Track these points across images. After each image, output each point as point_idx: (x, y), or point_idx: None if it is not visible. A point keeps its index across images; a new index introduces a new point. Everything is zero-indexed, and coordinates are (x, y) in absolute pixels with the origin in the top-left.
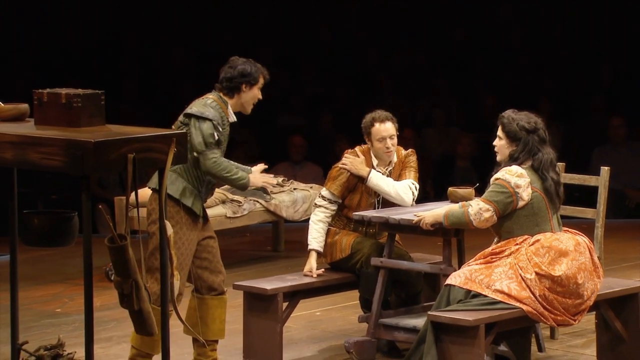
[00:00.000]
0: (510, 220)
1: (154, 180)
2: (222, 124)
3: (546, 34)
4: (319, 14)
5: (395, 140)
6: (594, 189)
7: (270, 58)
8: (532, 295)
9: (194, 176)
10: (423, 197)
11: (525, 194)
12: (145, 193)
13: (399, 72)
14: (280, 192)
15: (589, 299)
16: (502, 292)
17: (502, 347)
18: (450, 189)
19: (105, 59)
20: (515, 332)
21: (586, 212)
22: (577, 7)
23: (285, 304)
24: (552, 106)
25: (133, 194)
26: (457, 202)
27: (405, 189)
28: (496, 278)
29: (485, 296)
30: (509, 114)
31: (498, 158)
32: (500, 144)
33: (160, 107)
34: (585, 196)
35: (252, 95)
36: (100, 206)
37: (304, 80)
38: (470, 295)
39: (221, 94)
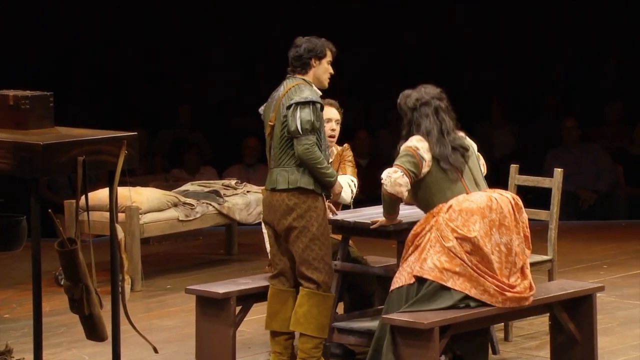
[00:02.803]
0: (422, 190)
1: (281, 179)
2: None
3: (499, 35)
4: (272, 13)
5: (338, 128)
6: (548, 191)
7: (223, 58)
8: (462, 263)
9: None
10: (376, 199)
11: (427, 156)
12: (96, 196)
13: (353, 72)
14: (233, 194)
15: (517, 256)
16: (435, 268)
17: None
18: None
19: (54, 59)
20: (471, 334)
21: (539, 214)
22: (530, 8)
23: (238, 308)
24: (504, 107)
25: (83, 197)
26: (412, 205)
27: (344, 186)
28: (426, 256)
29: (427, 280)
30: (403, 93)
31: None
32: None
33: (112, 109)
34: (538, 198)
35: (324, 68)
36: (49, 210)
37: (257, 81)
38: (415, 288)
39: (297, 75)
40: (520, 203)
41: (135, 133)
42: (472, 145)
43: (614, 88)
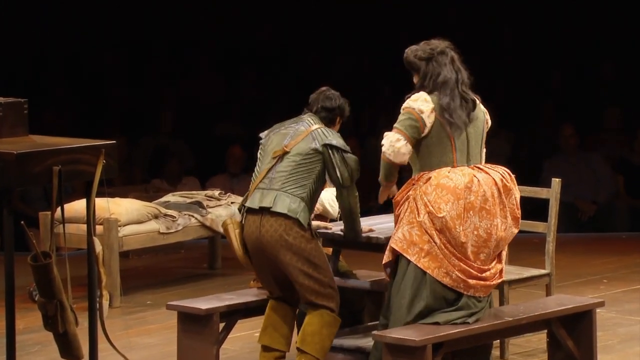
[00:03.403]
0: (419, 153)
1: (280, 202)
2: None
3: (494, 38)
4: (258, 17)
5: None
6: (545, 202)
7: (207, 63)
8: (430, 240)
9: (312, 206)
10: (367, 211)
11: (429, 120)
12: (72, 207)
13: (342, 78)
14: (216, 206)
15: (501, 240)
16: (403, 240)
17: None
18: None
19: (27, 63)
20: (469, 352)
21: (537, 226)
22: (526, 11)
23: (222, 325)
24: (500, 113)
25: (59, 208)
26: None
27: (332, 201)
28: (399, 226)
29: (405, 257)
30: (410, 47)
31: None
32: (414, 79)
33: (89, 116)
34: (535, 209)
35: (336, 130)
36: (22, 222)
37: (242, 87)
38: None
39: (319, 121)
40: (510, 182)
41: (114, 141)
42: (484, 112)
43: (612, 93)
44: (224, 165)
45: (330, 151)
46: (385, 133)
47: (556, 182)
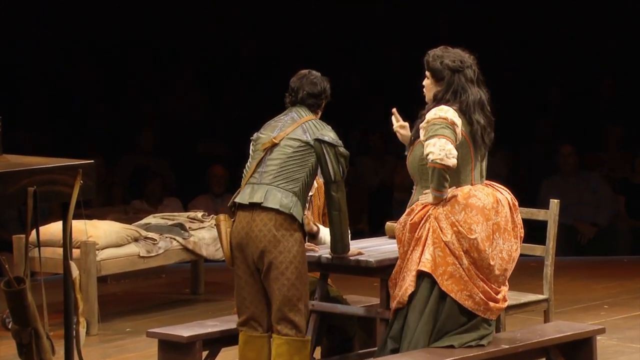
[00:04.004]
0: None
1: (271, 197)
2: None
3: (489, 53)
4: (242, 32)
5: None
6: (543, 224)
7: (189, 78)
8: (455, 262)
9: (304, 201)
10: (357, 233)
11: (459, 135)
12: (48, 230)
13: (331, 94)
14: (199, 228)
15: (509, 262)
16: (432, 260)
17: None
18: (387, 223)
19: (3, 80)
20: None
21: (534, 249)
22: (522, 24)
23: (205, 353)
24: (496, 131)
25: (34, 231)
26: (395, 238)
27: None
28: (426, 248)
29: (427, 275)
30: (435, 51)
31: (426, 98)
32: (427, 83)
33: (67, 133)
34: (533, 231)
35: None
36: None
37: (226, 103)
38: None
39: (308, 111)
40: (516, 202)
41: (92, 161)
42: None
43: (612, 111)
44: (207, 186)
45: (322, 146)
46: (426, 143)
47: (554, 203)
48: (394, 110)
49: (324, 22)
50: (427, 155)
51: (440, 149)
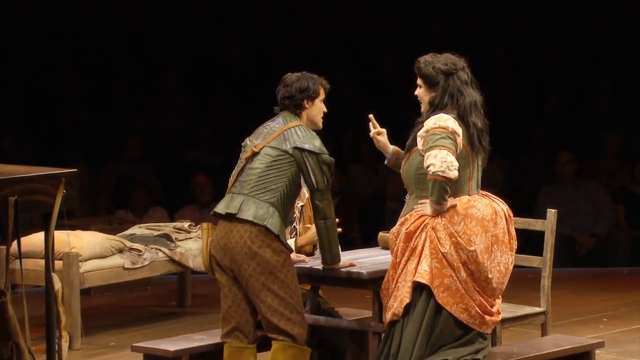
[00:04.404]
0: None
1: (246, 208)
2: None
3: (484, 58)
4: (231, 37)
5: None
6: (540, 234)
7: (176, 85)
8: (452, 275)
9: (286, 212)
10: (348, 243)
11: (459, 144)
12: (29, 241)
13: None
14: (186, 239)
15: (505, 276)
16: (429, 272)
17: None
18: (380, 233)
19: None
20: None
21: (531, 260)
22: (518, 30)
23: None
24: (491, 139)
25: (15, 242)
26: (388, 249)
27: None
28: (423, 259)
29: (423, 286)
30: (424, 57)
31: (422, 108)
32: (420, 92)
33: (49, 141)
34: (530, 242)
35: (317, 108)
36: None
37: (214, 111)
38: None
39: (293, 115)
40: (511, 213)
41: (75, 169)
42: None
43: (611, 118)
44: (194, 195)
45: (302, 154)
46: (427, 154)
47: (552, 212)
48: (371, 116)
49: (316, 27)
50: (428, 167)
51: (441, 160)
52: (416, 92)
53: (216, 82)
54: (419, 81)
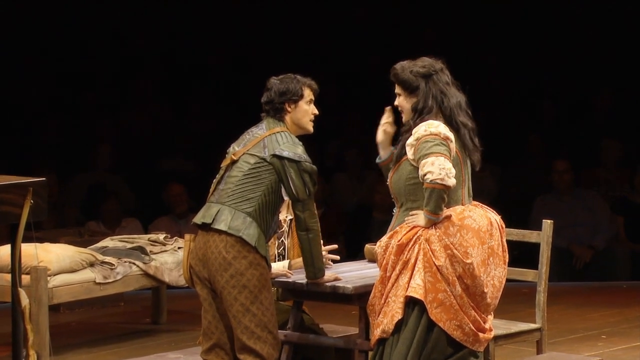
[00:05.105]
0: (422, 186)
1: (222, 218)
2: None
3: (476, 62)
4: (210, 37)
5: None
6: (535, 246)
7: (150, 90)
8: (446, 289)
9: (267, 222)
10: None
11: (452, 150)
12: None
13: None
14: (161, 251)
15: (499, 290)
16: (423, 286)
17: None
18: (367, 246)
19: None
20: None
21: (526, 274)
22: (513, 32)
23: None
24: (484, 145)
25: None
26: (375, 262)
27: None
28: (416, 272)
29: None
30: (400, 64)
31: (404, 118)
32: (400, 100)
33: (16, 149)
34: (524, 255)
35: (303, 111)
36: None
37: (191, 117)
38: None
39: (276, 121)
40: (503, 224)
41: (44, 179)
42: None
43: (610, 124)
44: (169, 206)
45: (282, 162)
46: (422, 162)
47: (548, 224)
48: (389, 107)
49: (298, 28)
50: (425, 175)
51: (439, 168)
52: (396, 102)
53: (192, 85)
54: (398, 89)
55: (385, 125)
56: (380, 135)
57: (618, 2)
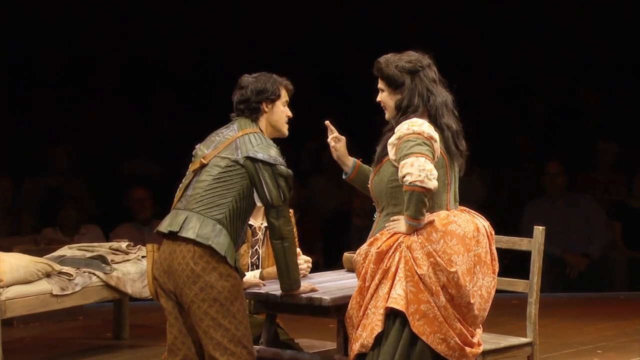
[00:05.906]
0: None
1: (190, 225)
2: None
3: (463, 59)
4: (177, 31)
5: None
6: (526, 255)
7: (110, 86)
8: (429, 300)
9: (237, 229)
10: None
11: (437, 151)
12: None
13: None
14: (124, 260)
15: (487, 302)
16: (404, 297)
17: None
18: (345, 254)
19: None
20: None
21: (516, 285)
22: (502, 28)
23: None
24: (473, 147)
25: None
26: (354, 272)
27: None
28: (396, 281)
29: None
30: (385, 57)
31: (387, 115)
32: (384, 96)
33: None
34: (514, 263)
35: (279, 112)
36: None
37: (156, 116)
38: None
39: (250, 121)
40: (493, 231)
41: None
42: None
43: (605, 124)
44: (132, 212)
45: (255, 165)
46: (402, 163)
47: (539, 230)
48: (328, 122)
49: (272, 23)
50: (404, 177)
51: (419, 169)
52: (378, 98)
53: (156, 82)
54: (381, 84)
55: (332, 142)
56: (333, 154)
57: (613, 1)
